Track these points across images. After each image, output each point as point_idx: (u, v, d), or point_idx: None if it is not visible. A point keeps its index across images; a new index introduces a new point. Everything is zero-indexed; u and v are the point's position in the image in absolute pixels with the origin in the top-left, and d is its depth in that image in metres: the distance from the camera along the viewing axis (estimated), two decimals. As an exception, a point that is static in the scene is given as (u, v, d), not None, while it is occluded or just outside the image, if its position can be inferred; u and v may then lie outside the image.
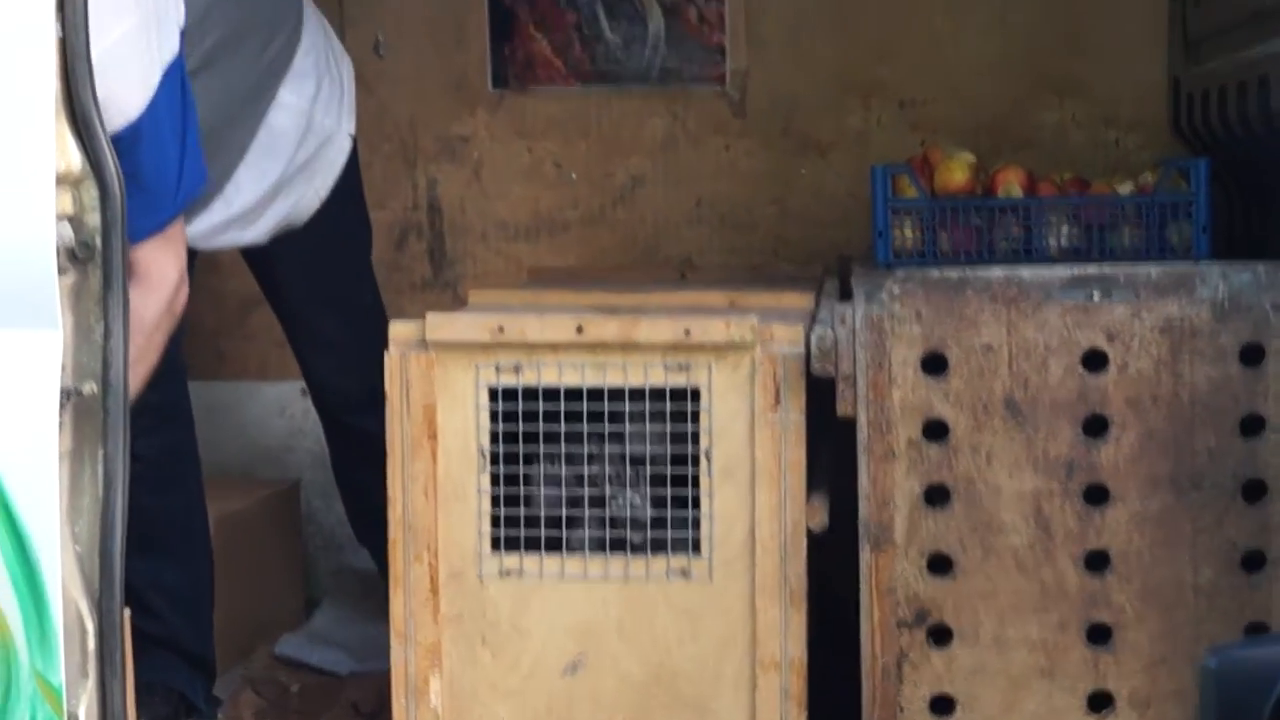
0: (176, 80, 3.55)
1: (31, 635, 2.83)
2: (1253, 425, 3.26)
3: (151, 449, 3.82)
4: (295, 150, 4.14)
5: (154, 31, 3.47)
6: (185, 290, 3.63)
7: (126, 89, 3.39)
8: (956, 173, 4.21)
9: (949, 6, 5.05)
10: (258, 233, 4.17)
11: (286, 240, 4.22)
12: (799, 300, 3.84)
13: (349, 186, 4.32)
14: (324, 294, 4.39)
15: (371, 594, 4.46)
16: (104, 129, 2.87)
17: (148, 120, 3.45)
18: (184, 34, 3.57)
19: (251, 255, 4.33)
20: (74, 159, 2.83)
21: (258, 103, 4.07)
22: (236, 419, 5.13)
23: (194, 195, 3.69)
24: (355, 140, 4.30)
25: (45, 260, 2.78)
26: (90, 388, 2.87)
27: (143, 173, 3.44)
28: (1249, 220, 4.15)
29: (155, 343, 3.63)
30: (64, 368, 2.82)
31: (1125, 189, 4.14)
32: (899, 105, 5.05)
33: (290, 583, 4.99)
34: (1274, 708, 1.84)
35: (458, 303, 4.13)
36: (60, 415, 2.82)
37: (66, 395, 2.83)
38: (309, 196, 4.21)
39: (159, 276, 3.59)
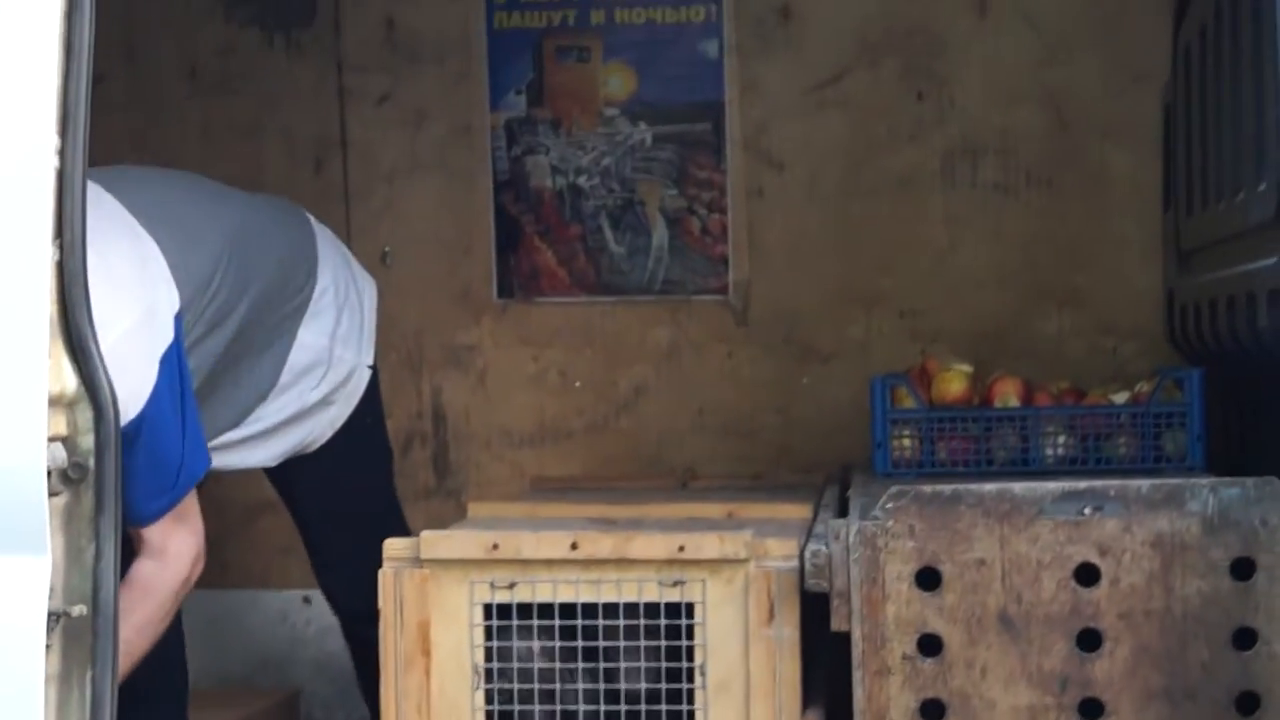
0: (174, 365, 3.58)
1: None
2: (1245, 639, 3.22)
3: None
4: (316, 385, 4.15)
5: (150, 324, 3.53)
6: (203, 561, 3.67)
7: (129, 385, 3.36)
8: (954, 383, 4.26)
9: (948, 219, 5.12)
10: (267, 455, 4.17)
11: (300, 461, 4.23)
12: (797, 511, 3.84)
13: (368, 412, 4.31)
14: (338, 512, 4.35)
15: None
16: (99, 352, 2.88)
17: (151, 410, 3.47)
18: (179, 316, 3.61)
19: (268, 469, 4.34)
20: (69, 381, 2.84)
21: (277, 346, 4.07)
22: (238, 627, 5.10)
23: (198, 474, 3.68)
24: (375, 370, 4.29)
25: (35, 483, 2.78)
26: (80, 610, 2.84)
27: (150, 459, 3.50)
28: (1243, 430, 4.15)
29: (168, 610, 3.66)
30: (53, 590, 2.80)
31: (1121, 398, 4.18)
32: (899, 315, 5.09)
33: (290, 793, 4.94)
34: None
35: (460, 511, 4.14)
36: (48, 638, 2.79)
37: (55, 618, 2.80)
38: (323, 424, 4.21)
39: (175, 553, 3.63)
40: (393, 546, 3.47)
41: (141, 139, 5.05)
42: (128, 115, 5.03)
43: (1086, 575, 3.25)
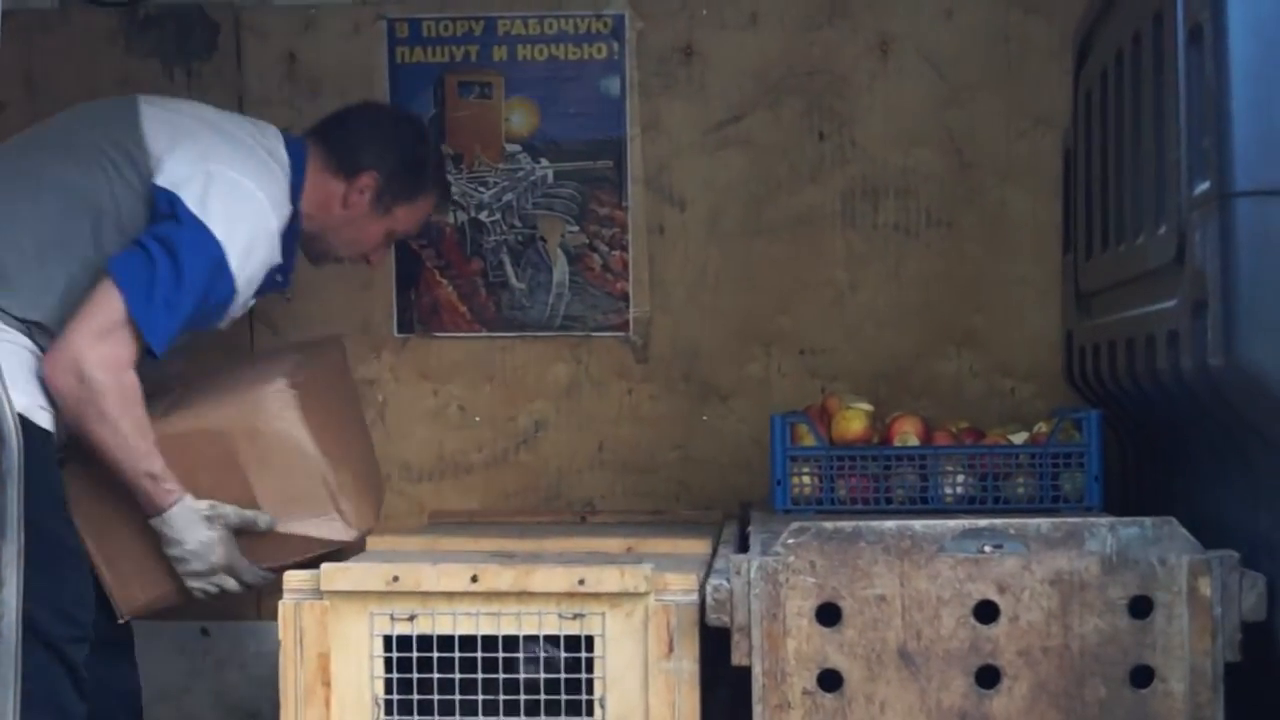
0: (223, 269, 4.16)
1: None
2: (1142, 677, 3.25)
3: None
4: None
5: (259, 221, 4.25)
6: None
7: (215, 206, 4.12)
8: (854, 422, 4.29)
9: (848, 259, 5.13)
10: None
11: None
12: (696, 547, 3.86)
13: None
14: None
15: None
16: (4, 381, 2.85)
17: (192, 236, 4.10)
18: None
19: None
20: None
21: None
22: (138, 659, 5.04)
23: (147, 324, 4.04)
24: None
25: None
26: None
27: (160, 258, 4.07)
28: (1141, 471, 4.18)
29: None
30: None
31: (1019, 438, 4.23)
32: (799, 353, 5.10)
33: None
34: None
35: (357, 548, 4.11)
36: None
37: None
38: None
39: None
40: (293, 578, 3.46)
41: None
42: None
43: (985, 612, 3.27)
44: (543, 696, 3.38)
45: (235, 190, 4.22)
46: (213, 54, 5.24)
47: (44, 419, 4.00)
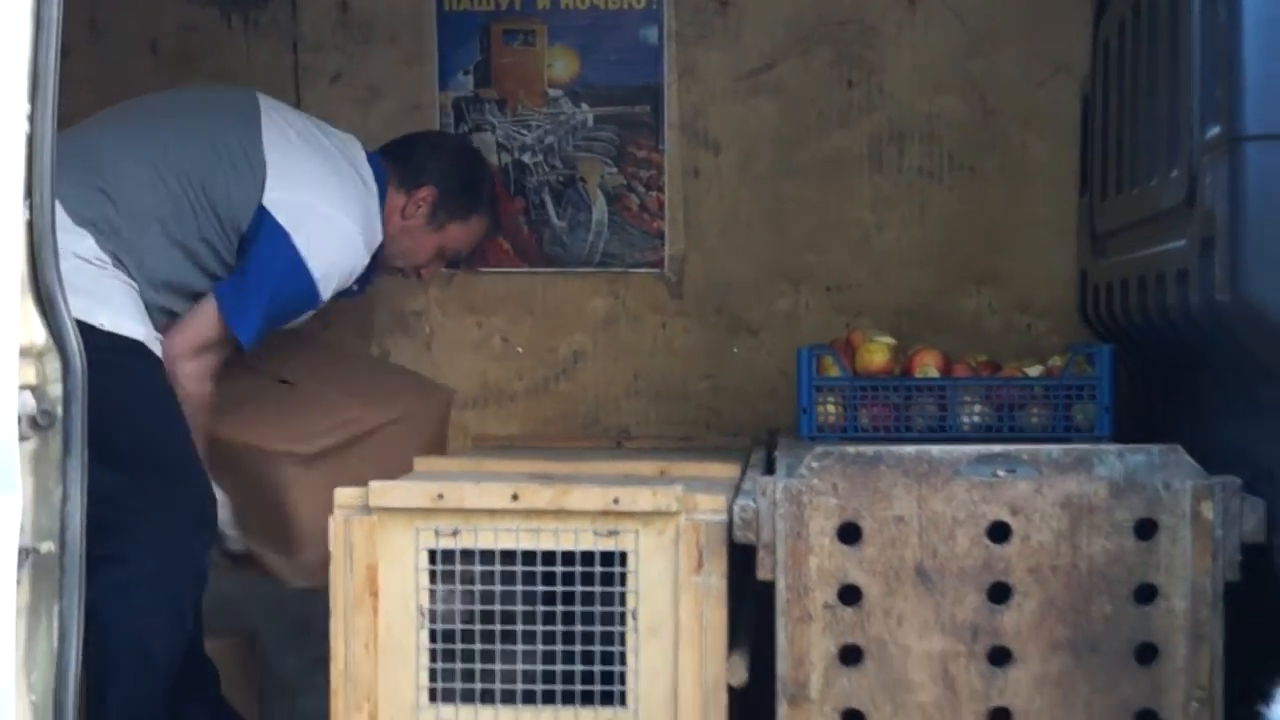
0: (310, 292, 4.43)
1: None
2: (1146, 594, 3.27)
3: None
4: None
5: (352, 251, 4.49)
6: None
7: (313, 235, 4.36)
8: (876, 355, 4.28)
9: (874, 201, 5.12)
10: None
11: None
12: (725, 471, 3.86)
13: None
14: None
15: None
16: (67, 308, 2.88)
17: (284, 252, 4.32)
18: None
19: None
20: (38, 334, 2.84)
21: None
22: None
23: (240, 329, 4.32)
24: None
25: (5, 428, 2.77)
26: (48, 547, 2.85)
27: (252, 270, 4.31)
28: (1150, 402, 4.19)
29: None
30: (23, 528, 2.80)
31: (1034, 371, 4.21)
32: (826, 290, 5.10)
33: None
34: None
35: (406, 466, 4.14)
36: (18, 573, 2.79)
37: (25, 554, 2.80)
38: None
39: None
40: (343, 495, 3.47)
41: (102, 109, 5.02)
42: (93, 88, 4.96)
43: (998, 533, 3.29)
44: (578, 608, 3.39)
45: (331, 227, 4.41)
46: (268, 1, 5.22)
47: (159, 349, 4.25)
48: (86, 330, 3.22)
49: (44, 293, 2.85)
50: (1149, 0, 3.93)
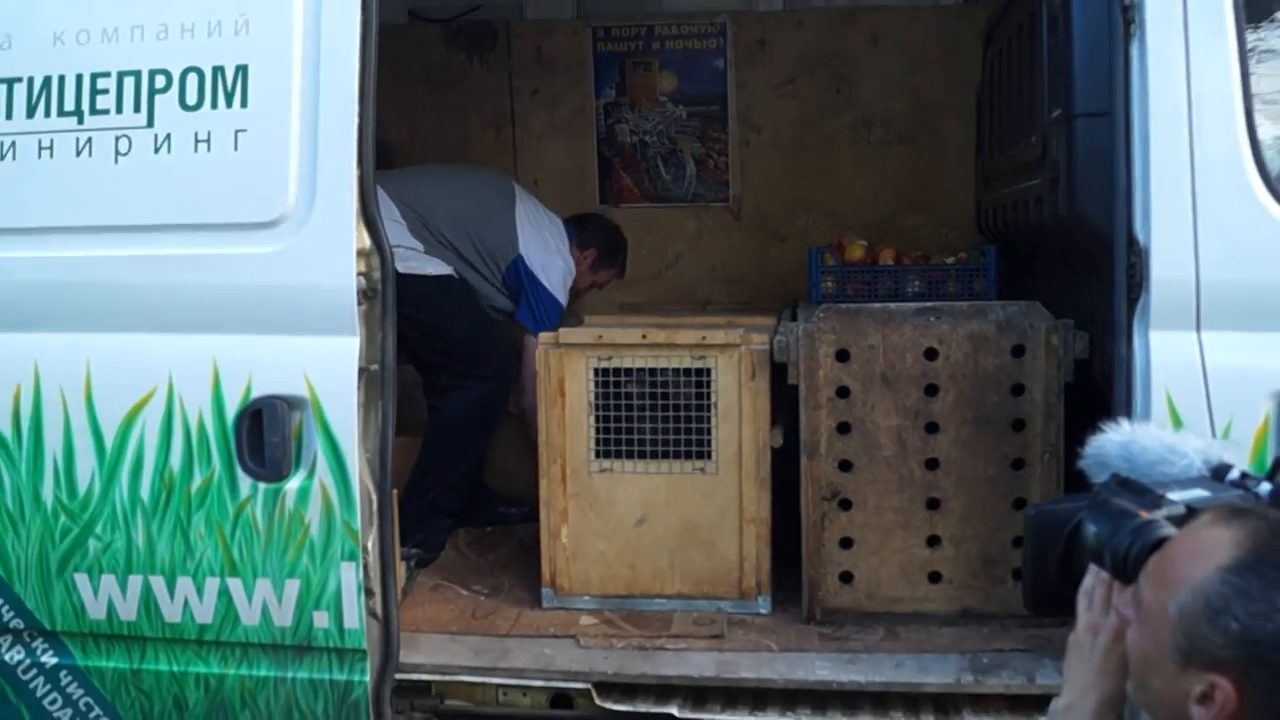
0: (551, 289, 4.28)
1: (341, 501, 2.86)
2: (1018, 390, 3.26)
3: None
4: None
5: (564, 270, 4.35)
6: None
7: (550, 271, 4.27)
8: (856, 251, 4.28)
9: (853, 160, 5.05)
10: None
11: None
12: (766, 321, 3.81)
13: None
14: None
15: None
16: (382, 226, 2.87)
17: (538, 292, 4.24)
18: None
19: None
20: (365, 241, 2.86)
21: None
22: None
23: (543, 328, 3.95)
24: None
25: (351, 297, 2.82)
26: (374, 368, 2.89)
27: (531, 307, 4.22)
28: (1018, 278, 4.15)
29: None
30: (361, 355, 2.84)
31: (950, 260, 4.18)
32: (825, 214, 5.05)
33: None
34: (1067, 537, 1.76)
35: (580, 321, 4.16)
36: (359, 381, 2.84)
37: (361, 371, 2.85)
38: None
39: (530, 351, 4.06)
40: (544, 337, 3.45)
41: (396, 115, 5.00)
42: (390, 102, 4.98)
43: (930, 354, 3.31)
44: (682, 403, 3.39)
45: (561, 272, 4.35)
46: (495, 49, 5.19)
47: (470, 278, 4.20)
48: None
49: (368, 217, 2.86)
50: (1015, 38, 3.87)
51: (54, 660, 3.07)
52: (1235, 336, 2.61)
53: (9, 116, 2.90)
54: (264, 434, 2.83)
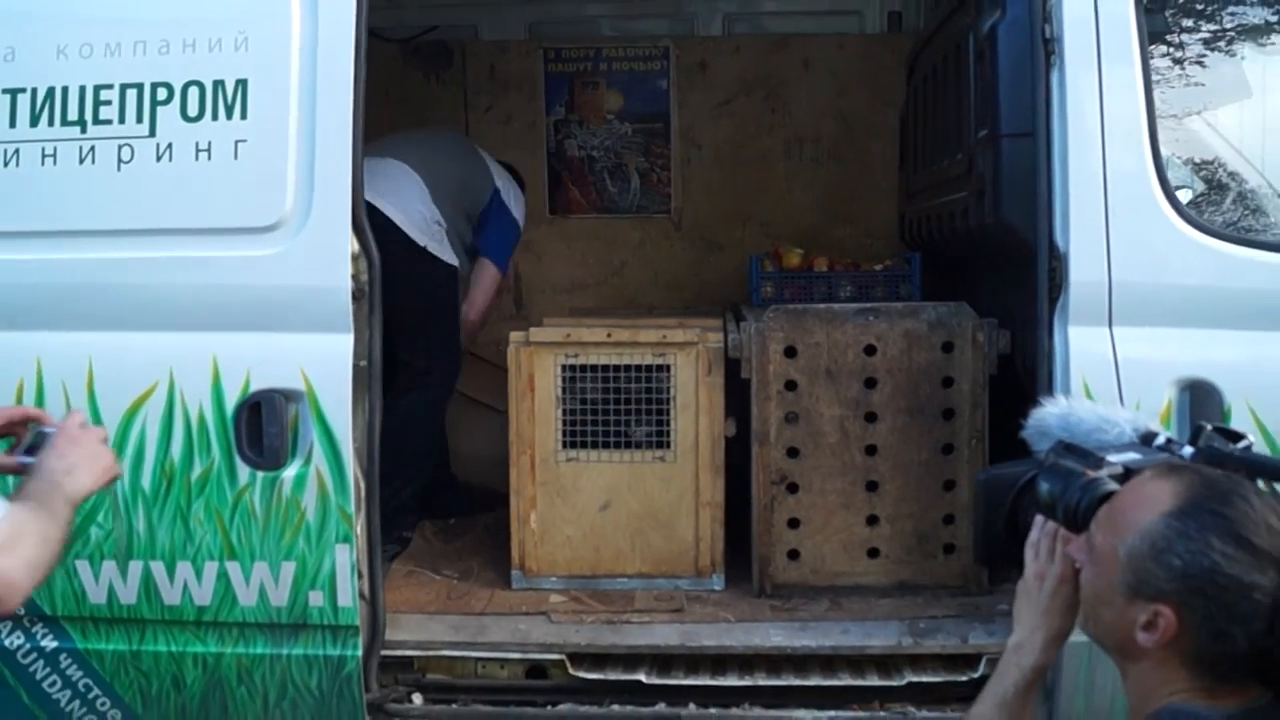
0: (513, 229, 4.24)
1: (336, 486, 2.89)
2: (948, 382, 3.34)
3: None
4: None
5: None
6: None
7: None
8: (793, 258, 4.32)
9: (786, 175, 5.10)
10: None
11: None
12: (714, 323, 3.78)
13: None
14: None
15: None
16: (370, 235, 2.89)
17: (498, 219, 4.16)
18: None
19: None
20: (355, 246, 2.88)
21: None
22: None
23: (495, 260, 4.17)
24: None
25: (344, 297, 2.86)
26: (363, 363, 2.91)
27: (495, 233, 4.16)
28: (941, 284, 4.22)
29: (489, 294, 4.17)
30: (352, 352, 2.87)
31: (878, 268, 4.23)
32: (760, 224, 5.07)
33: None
34: (1013, 499, 1.87)
35: (532, 324, 4.17)
36: (352, 375, 2.88)
37: (353, 366, 2.89)
38: None
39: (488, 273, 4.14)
40: (515, 336, 3.44)
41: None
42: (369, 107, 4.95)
43: (870, 351, 3.36)
44: (643, 397, 3.43)
45: (521, 201, 4.34)
46: (451, 67, 5.18)
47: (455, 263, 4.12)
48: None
49: (358, 224, 2.89)
50: (940, 65, 3.93)
51: (54, 644, 3.04)
52: (1142, 331, 2.74)
53: (13, 125, 2.90)
54: (262, 425, 2.85)
